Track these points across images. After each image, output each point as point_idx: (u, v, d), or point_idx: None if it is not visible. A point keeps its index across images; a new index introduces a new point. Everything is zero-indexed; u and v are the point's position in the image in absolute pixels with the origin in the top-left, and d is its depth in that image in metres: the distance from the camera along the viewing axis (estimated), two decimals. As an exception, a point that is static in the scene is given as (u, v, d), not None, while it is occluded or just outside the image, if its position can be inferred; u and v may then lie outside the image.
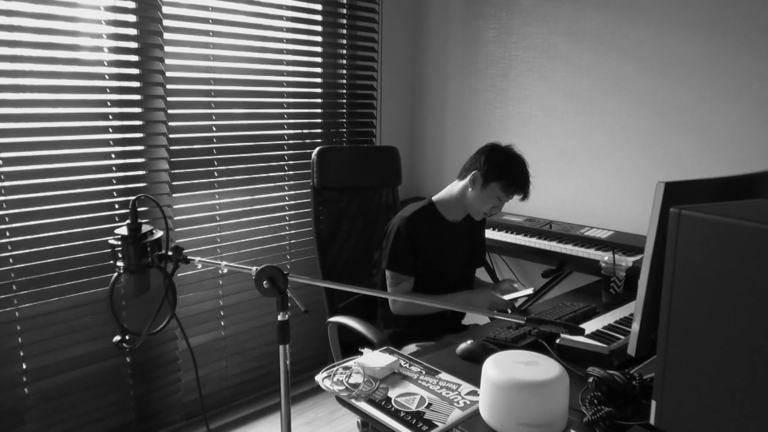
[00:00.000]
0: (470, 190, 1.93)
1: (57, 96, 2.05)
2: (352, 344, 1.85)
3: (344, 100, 2.98)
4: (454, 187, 1.99)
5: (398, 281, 1.92)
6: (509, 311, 2.08)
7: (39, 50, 1.99)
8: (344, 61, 2.95)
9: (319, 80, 2.87)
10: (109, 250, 1.31)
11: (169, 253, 1.29)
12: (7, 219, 1.98)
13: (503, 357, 1.15)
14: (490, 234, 2.59)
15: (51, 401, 2.14)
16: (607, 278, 1.87)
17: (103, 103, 2.16)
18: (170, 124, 2.34)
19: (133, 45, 2.22)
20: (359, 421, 2.06)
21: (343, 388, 1.27)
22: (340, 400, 1.27)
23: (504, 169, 1.89)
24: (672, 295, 0.87)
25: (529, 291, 1.94)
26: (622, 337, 1.46)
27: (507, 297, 1.91)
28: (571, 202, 2.74)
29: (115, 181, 2.23)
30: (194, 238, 2.48)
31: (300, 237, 2.86)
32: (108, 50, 2.15)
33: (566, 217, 2.75)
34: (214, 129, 2.50)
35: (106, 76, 2.16)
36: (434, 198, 2.02)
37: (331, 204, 2.19)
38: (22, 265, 2.02)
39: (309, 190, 2.25)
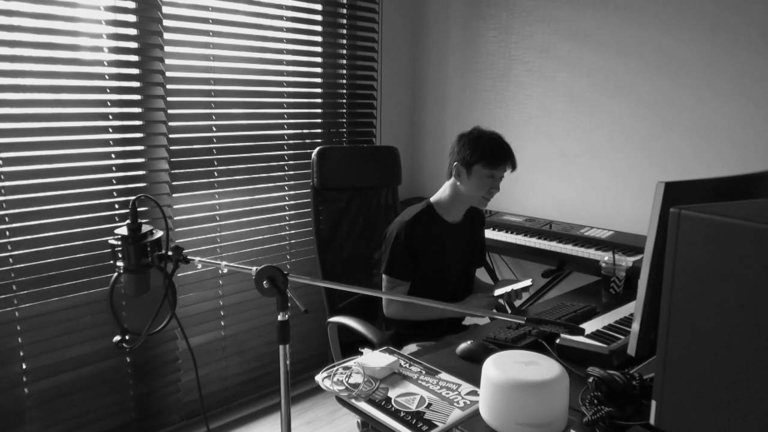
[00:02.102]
0: (459, 183, 1.94)
1: (57, 96, 2.05)
2: (352, 344, 1.85)
3: (344, 100, 2.98)
4: (446, 187, 1.99)
5: (393, 286, 1.92)
6: (507, 307, 2.07)
7: (39, 50, 1.99)
8: (344, 61, 2.95)
9: (319, 80, 2.87)
10: (109, 250, 1.31)
11: (169, 253, 1.29)
12: (7, 219, 1.98)
13: (503, 357, 1.15)
14: (490, 234, 2.59)
15: (51, 401, 2.14)
16: (607, 278, 1.87)
17: (103, 103, 2.16)
18: (170, 124, 2.34)
19: (133, 45, 2.22)
20: (359, 421, 2.06)
21: (343, 388, 1.27)
22: (340, 400, 1.27)
23: (480, 149, 1.88)
24: (672, 295, 0.87)
25: (528, 282, 1.91)
26: (622, 337, 1.46)
27: (503, 290, 1.88)
28: (571, 202, 2.74)
29: (115, 181, 2.22)
30: (194, 238, 2.48)
31: (300, 237, 2.86)
32: (108, 50, 2.15)
33: (566, 217, 2.75)
34: (214, 129, 2.50)
35: (106, 76, 2.16)
36: (432, 200, 2.01)
37: (331, 204, 2.19)
38: (22, 265, 2.02)
39: (309, 190, 2.25)
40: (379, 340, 1.70)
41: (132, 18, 2.19)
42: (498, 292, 1.89)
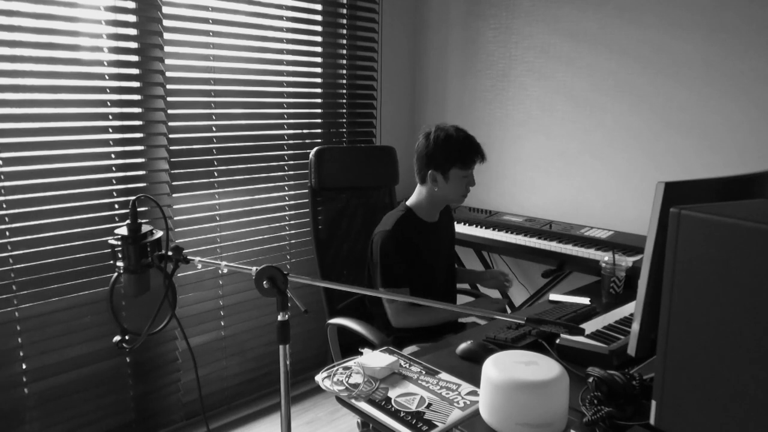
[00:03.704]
0: (437, 189, 1.95)
1: (57, 96, 2.05)
2: (351, 345, 1.85)
3: (344, 100, 2.98)
4: (421, 192, 2.00)
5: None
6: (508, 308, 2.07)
7: (39, 50, 1.99)
8: (344, 61, 2.95)
9: (319, 80, 2.87)
10: (109, 250, 1.31)
11: (169, 253, 1.29)
12: (7, 219, 1.98)
13: (503, 357, 1.15)
14: (490, 234, 2.59)
15: (51, 401, 2.14)
16: (607, 278, 1.87)
17: (103, 103, 2.16)
18: (170, 124, 2.34)
19: (133, 45, 2.22)
20: (359, 421, 2.06)
21: (343, 388, 1.27)
22: (340, 400, 1.27)
23: (453, 152, 1.90)
24: (672, 295, 0.87)
25: (586, 301, 1.81)
26: (622, 337, 1.46)
27: (564, 299, 1.85)
28: (571, 202, 2.74)
29: (115, 181, 2.22)
30: (194, 238, 2.48)
31: (300, 237, 2.85)
32: (108, 50, 2.15)
33: (566, 217, 2.75)
34: (214, 129, 2.50)
35: (106, 76, 2.16)
36: (409, 203, 2.02)
37: (329, 204, 2.19)
38: (22, 265, 2.02)
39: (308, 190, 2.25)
40: (379, 340, 1.70)
41: (132, 18, 2.19)
42: (556, 297, 1.87)
